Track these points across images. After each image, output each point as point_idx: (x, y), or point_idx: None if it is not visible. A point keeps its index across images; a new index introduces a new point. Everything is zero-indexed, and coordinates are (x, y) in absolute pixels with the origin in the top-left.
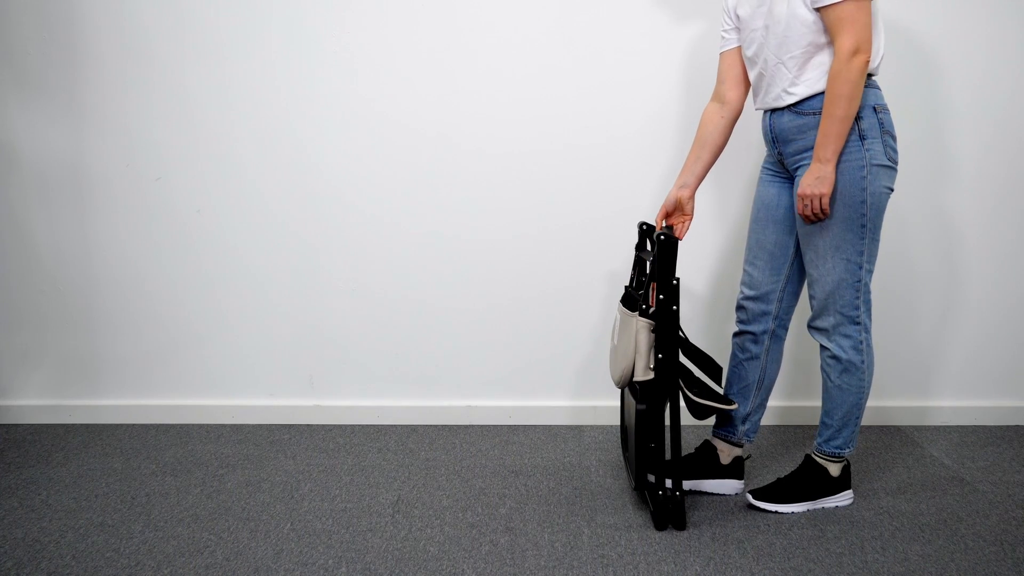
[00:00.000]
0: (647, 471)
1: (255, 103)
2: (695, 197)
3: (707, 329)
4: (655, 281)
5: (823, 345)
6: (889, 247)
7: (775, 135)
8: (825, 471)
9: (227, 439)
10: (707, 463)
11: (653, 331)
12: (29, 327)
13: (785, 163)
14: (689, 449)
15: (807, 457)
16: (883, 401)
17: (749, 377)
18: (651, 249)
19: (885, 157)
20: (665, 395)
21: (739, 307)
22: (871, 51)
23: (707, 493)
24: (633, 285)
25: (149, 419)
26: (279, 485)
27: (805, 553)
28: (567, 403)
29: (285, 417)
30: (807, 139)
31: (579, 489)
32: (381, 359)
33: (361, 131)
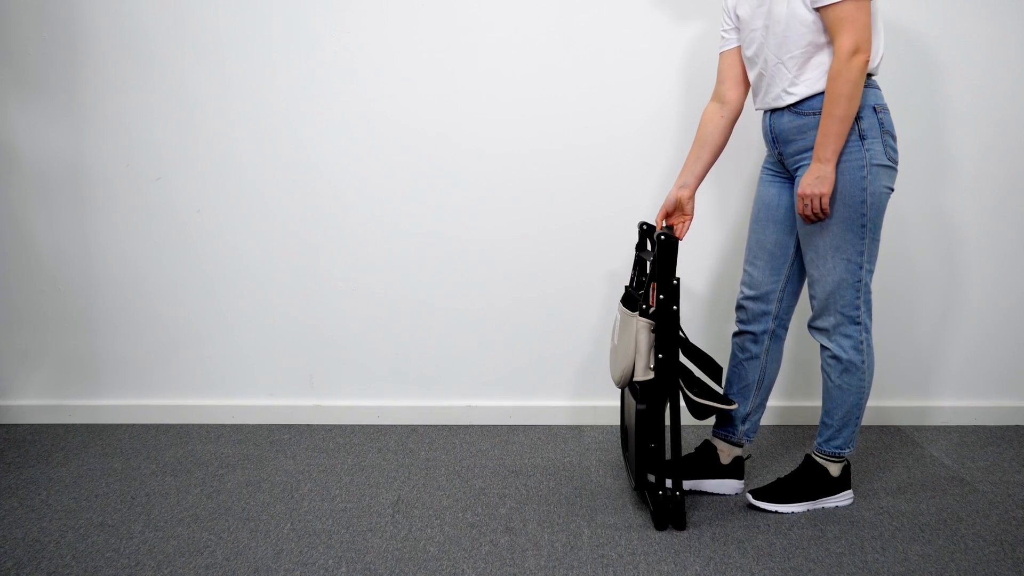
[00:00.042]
0: (647, 471)
1: (255, 103)
2: (695, 197)
3: (707, 329)
4: (655, 281)
5: (823, 345)
6: (889, 247)
7: (775, 135)
8: (825, 471)
9: (227, 439)
10: (707, 463)
11: (653, 331)
12: (29, 327)
13: (785, 163)
14: (689, 449)
15: (807, 457)
16: (883, 401)
17: (749, 377)
18: (651, 249)
19: (885, 157)
20: (665, 395)
21: (739, 307)
22: (871, 51)
23: (707, 493)
24: (633, 285)
25: (149, 419)
26: (279, 485)
27: (805, 553)
28: (567, 403)
29: (285, 417)
30: (807, 139)
31: (579, 489)
32: (381, 359)
33: (361, 131)
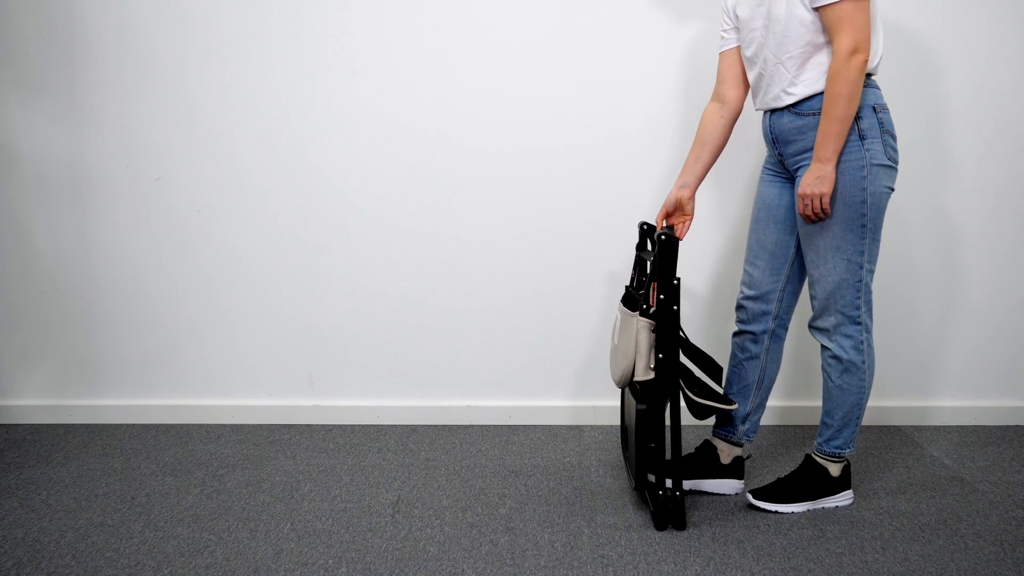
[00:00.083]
0: (647, 471)
1: (255, 103)
2: (695, 197)
3: (707, 329)
4: (656, 281)
5: (824, 345)
6: (889, 247)
7: (775, 136)
8: (825, 471)
9: (227, 439)
10: (707, 463)
11: (654, 331)
12: (29, 327)
13: (785, 163)
14: (689, 449)
15: (807, 457)
16: (883, 401)
17: (749, 377)
18: (652, 249)
19: (885, 157)
20: (665, 395)
21: (739, 307)
22: (870, 50)
23: (707, 493)
24: (634, 285)
25: (149, 419)
26: (279, 485)
27: (805, 553)
28: (567, 403)
29: (285, 417)
30: (807, 140)
31: (579, 489)
32: (381, 359)
33: (361, 131)
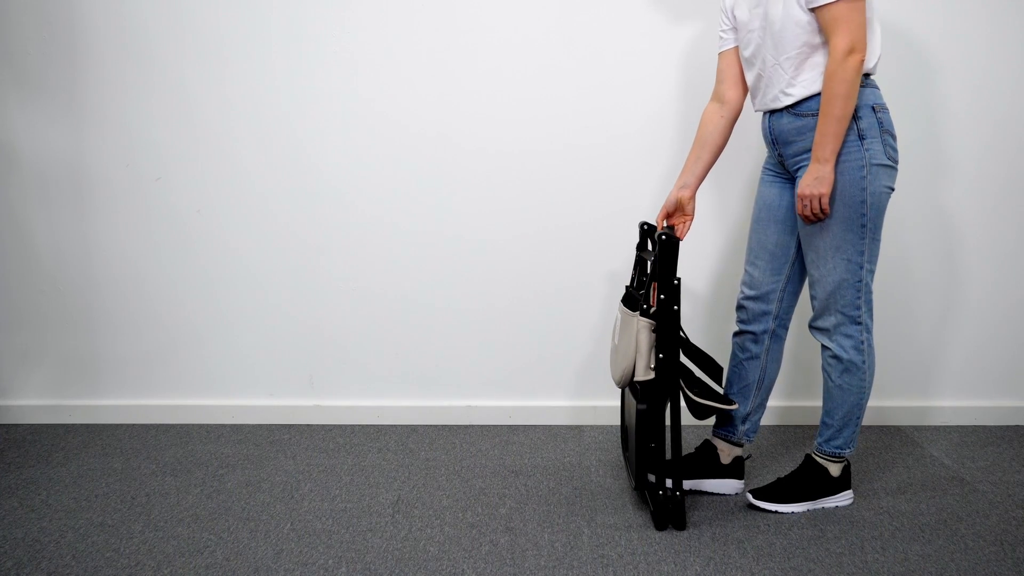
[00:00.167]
0: (647, 471)
1: (255, 103)
2: (696, 197)
3: (707, 329)
4: (656, 281)
5: (824, 345)
6: (889, 247)
7: (774, 137)
8: (825, 471)
9: (227, 439)
10: (707, 463)
11: (654, 331)
12: (29, 327)
13: (785, 164)
14: (689, 449)
15: (807, 457)
16: (883, 401)
17: (749, 377)
18: (652, 249)
19: (885, 156)
20: (666, 395)
21: (739, 307)
22: (866, 50)
23: (707, 493)
24: (634, 285)
25: (149, 419)
26: (279, 485)
27: (805, 553)
28: (567, 403)
29: (285, 417)
30: (807, 140)
31: (579, 489)
32: (381, 359)
33: (361, 131)
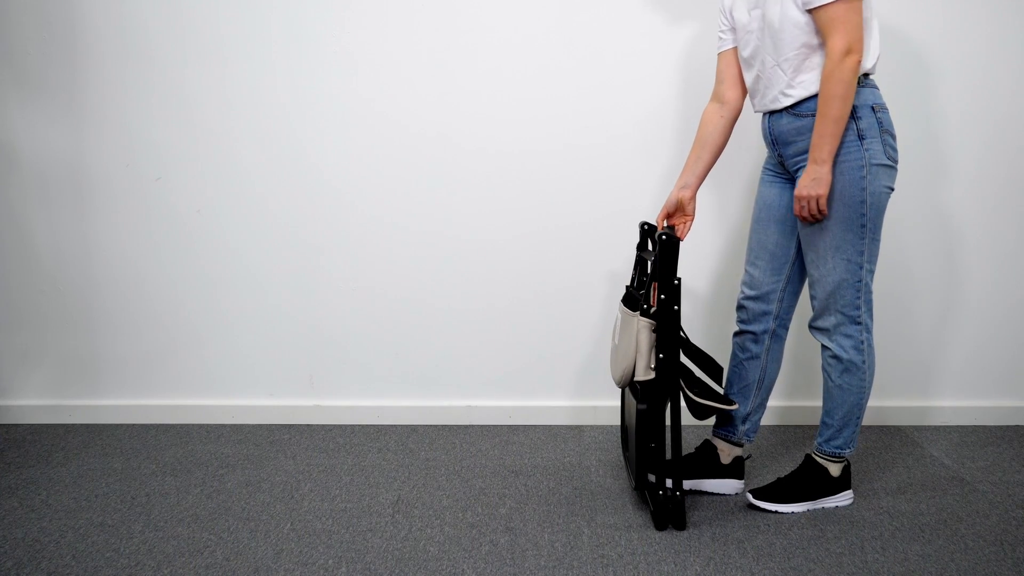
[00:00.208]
0: (647, 471)
1: (255, 103)
2: (696, 197)
3: (708, 329)
4: (657, 281)
5: (824, 345)
6: (889, 247)
7: (774, 137)
8: (825, 471)
9: (227, 439)
10: (707, 463)
11: (654, 331)
12: (29, 327)
13: (786, 164)
14: (689, 449)
15: (807, 457)
16: (883, 401)
17: (749, 377)
18: (653, 249)
19: (885, 156)
20: (666, 395)
21: (740, 307)
22: (863, 51)
23: (707, 493)
24: (634, 285)
25: (149, 419)
26: (279, 485)
27: (805, 553)
28: (567, 403)
29: (285, 417)
30: (807, 140)
31: (579, 489)
32: (381, 359)
33: (361, 131)
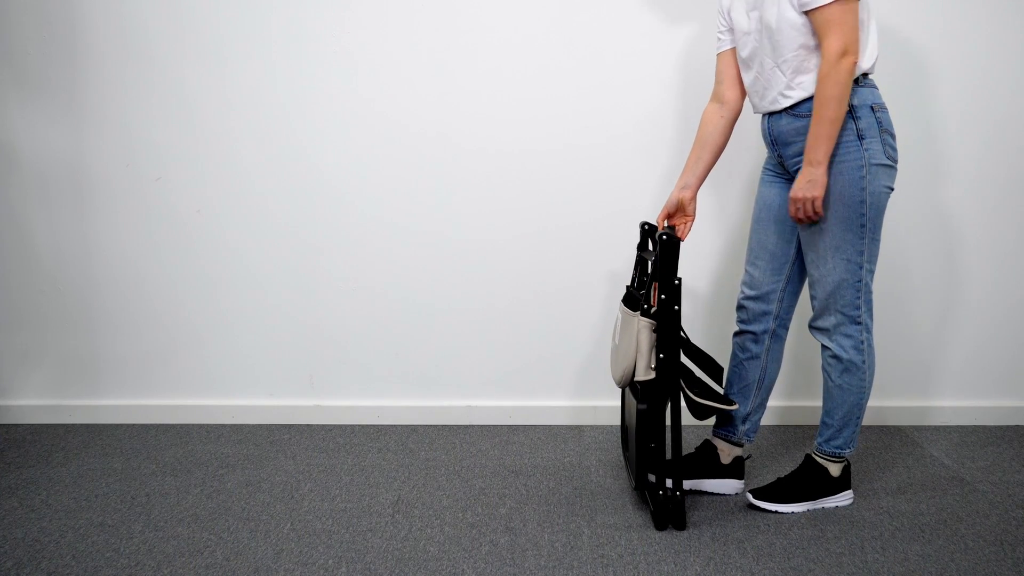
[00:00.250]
0: (647, 471)
1: (255, 103)
2: (697, 198)
3: (708, 329)
4: (657, 281)
5: (824, 345)
6: (889, 247)
7: (774, 138)
8: (825, 471)
9: (227, 439)
10: (707, 463)
11: (655, 331)
12: (29, 327)
13: (785, 165)
14: (689, 449)
15: (807, 457)
16: (883, 401)
17: (749, 377)
18: (653, 249)
19: (884, 156)
20: (666, 395)
21: (740, 307)
22: (859, 52)
23: (707, 493)
24: (635, 285)
25: (149, 419)
26: (279, 485)
27: (805, 553)
28: (567, 403)
29: (285, 417)
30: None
31: (579, 489)
32: (381, 359)
33: (361, 131)
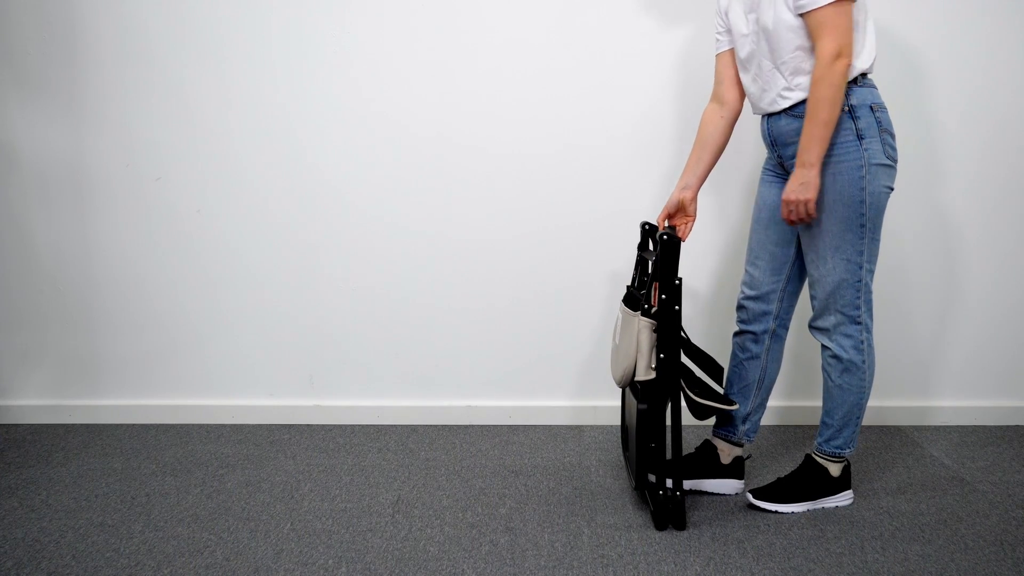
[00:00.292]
0: (647, 471)
1: (255, 103)
2: (697, 198)
3: (708, 329)
4: (657, 281)
5: (824, 345)
6: (889, 247)
7: (773, 139)
8: (825, 471)
9: (227, 439)
10: (707, 463)
11: (655, 331)
12: (29, 327)
13: (785, 165)
14: (689, 449)
15: (807, 457)
16: (883, 401)
17: (750, 376)
18: (654, 249)
19: (884, 156)
20: (666, 395)
21: (740, 307)
22: (852, 55)
23: (707, 493)
24: (635, 285)
25: (149, 419)
26: (279, 485)
27: (805, 553)
28: (567, 403)
29: (285, 417)
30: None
31: (579, 489)
32: (381, 359)
33: (360, 131)
